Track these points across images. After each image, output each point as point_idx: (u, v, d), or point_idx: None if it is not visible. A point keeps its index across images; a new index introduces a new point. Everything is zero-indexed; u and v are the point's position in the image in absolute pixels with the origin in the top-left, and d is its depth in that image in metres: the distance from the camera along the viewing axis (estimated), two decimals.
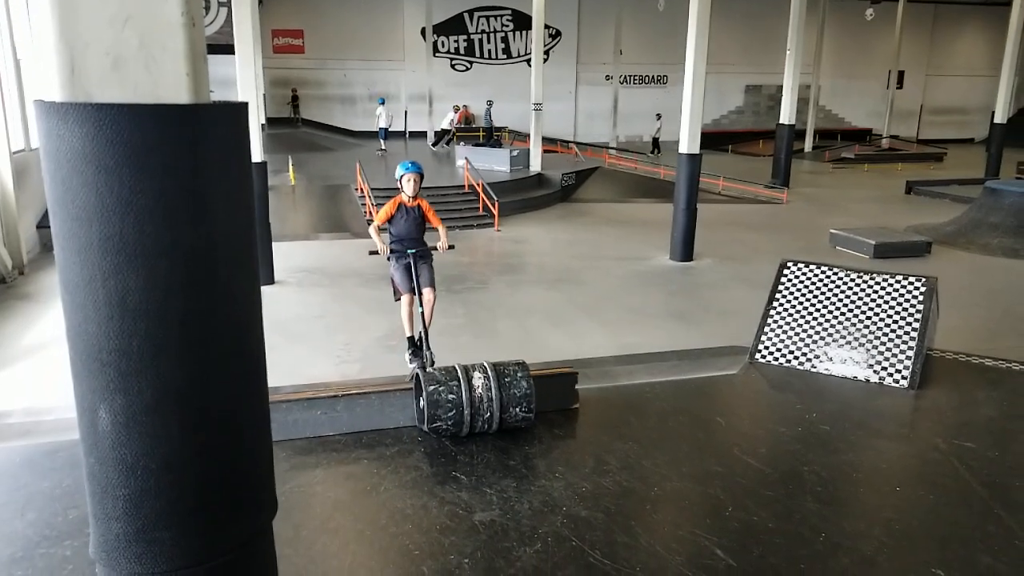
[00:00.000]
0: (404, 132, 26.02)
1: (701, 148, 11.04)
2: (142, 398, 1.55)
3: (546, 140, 19.28)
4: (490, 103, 24.51)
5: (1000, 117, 20.07)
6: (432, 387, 4.10)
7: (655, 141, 25.55)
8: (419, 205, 5.10)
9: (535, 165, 17.44)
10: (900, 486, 3.90)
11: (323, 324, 8.13)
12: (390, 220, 5.10)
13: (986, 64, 31.48)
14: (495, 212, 13.65)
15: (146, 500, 1.59)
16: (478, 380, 4.14)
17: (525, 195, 15.72)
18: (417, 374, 4.28)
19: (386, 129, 21.22)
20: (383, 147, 20.85)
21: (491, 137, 20.97)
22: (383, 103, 22.04)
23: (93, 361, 1.52)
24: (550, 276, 10.36)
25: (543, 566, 3.09)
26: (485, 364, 4.28)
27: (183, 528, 1.64)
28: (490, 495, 3.63)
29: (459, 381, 4.13)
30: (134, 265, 1.48)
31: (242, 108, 1.64)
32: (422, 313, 4.96)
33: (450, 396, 4.09)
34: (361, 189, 14.15)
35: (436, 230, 5.15)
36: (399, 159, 6.46)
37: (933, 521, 3.52)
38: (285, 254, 10.71)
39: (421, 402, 4.23)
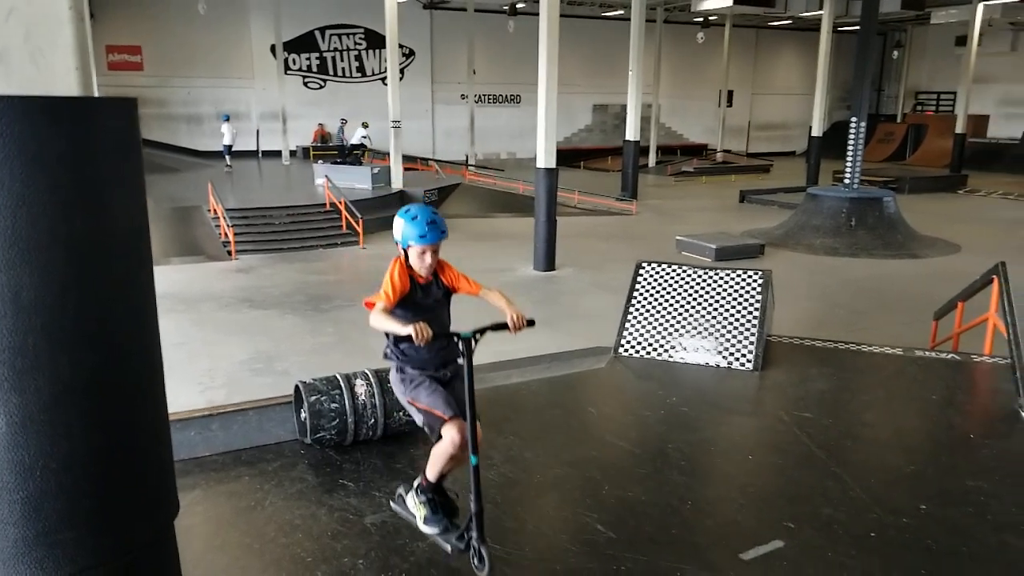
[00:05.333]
0: (256, 151, 25.12)
1: (556, 164, 11.58)
2: (39, 396, 1.52)
3: (406, 158, 19.34)
4: (344, 121, 24.24)
5: (817, 131, 22.53)
6: (313, 397, 4.08)
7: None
8: (441, 280, 3.26)
9: (397, 182, 17.46)
10: (752, 455, 4.34)
11: (184, 351, 7.74)
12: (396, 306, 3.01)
13: (803, 84, 35.11)
14: (359, 229, 13.54)
15: (46, 502, 1.55)
16: (360, 387, 4.16)
17: (389, 212, 15.60)
18: (297, 385, 4.21)
19: (230, 147, 20.75)
20: (229, 164, 20.44)
21: (348, 155, 20.73)
22: (227, 120, 21.47)
23: None
24: None
25: (437, 558, 3.18)
26: (367, 371, 4.31)
27: (87, 528, 1.61)
28: (379, 498, 3.67)
29: (341, 390, 4.12)
30: (27, 259, 1.46)
31: (132, 103, 1.66)
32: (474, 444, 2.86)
33: (332, 405, 4.08)
34: (214, 210, 13.55)
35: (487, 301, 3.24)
36: (246, 177, 6.05)
37: (782, 482, 3.96)
38: None
39: (302, 414, 4.18)
